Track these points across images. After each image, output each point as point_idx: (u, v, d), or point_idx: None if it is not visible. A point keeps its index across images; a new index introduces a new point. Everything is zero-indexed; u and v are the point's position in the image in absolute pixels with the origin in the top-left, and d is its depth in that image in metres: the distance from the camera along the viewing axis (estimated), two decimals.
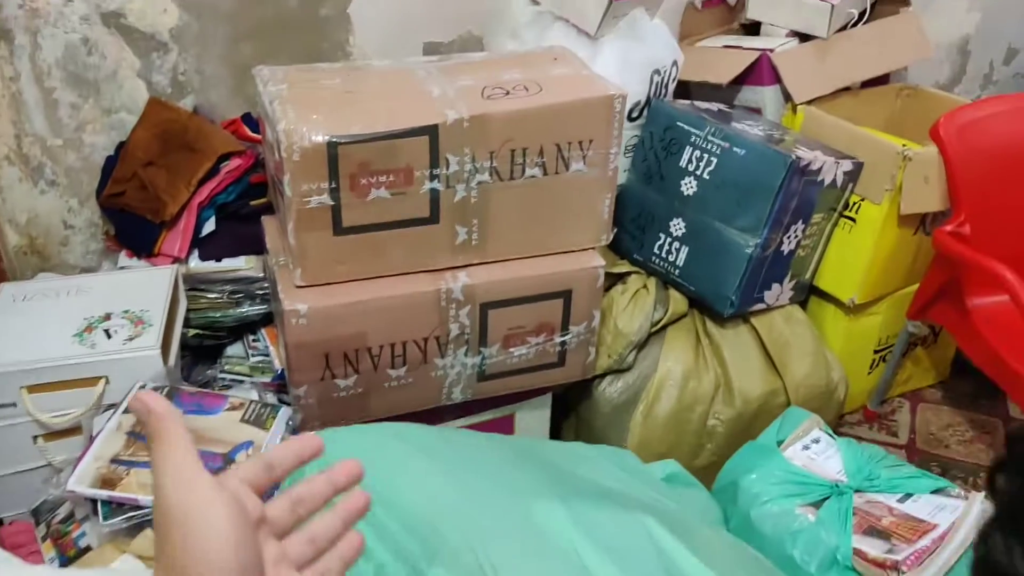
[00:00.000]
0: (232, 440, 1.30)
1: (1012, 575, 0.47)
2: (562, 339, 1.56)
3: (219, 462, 1.25)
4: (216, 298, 1.68)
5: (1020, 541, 0.47)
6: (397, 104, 1.33)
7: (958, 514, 1.21)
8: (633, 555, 0.89)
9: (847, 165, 1.74)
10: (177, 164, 1.65)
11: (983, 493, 1.25)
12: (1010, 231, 1.79)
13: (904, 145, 1.76)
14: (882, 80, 2.09)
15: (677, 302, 1.78)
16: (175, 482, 0.46)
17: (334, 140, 1.26)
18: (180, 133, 1.68)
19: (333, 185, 1.29)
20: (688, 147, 1.69)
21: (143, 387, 1.37)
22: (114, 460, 1.24)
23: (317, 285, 1.38)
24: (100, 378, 1.38)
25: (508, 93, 1.36)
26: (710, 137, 1.67)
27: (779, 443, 1.38)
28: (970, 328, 1.80)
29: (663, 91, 1.78)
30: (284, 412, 1.37)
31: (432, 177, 1.34)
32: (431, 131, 1.31)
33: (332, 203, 1.31)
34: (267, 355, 1.71)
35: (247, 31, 1.79)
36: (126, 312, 1.47)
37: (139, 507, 1.18)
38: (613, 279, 1.79)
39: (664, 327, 1.77)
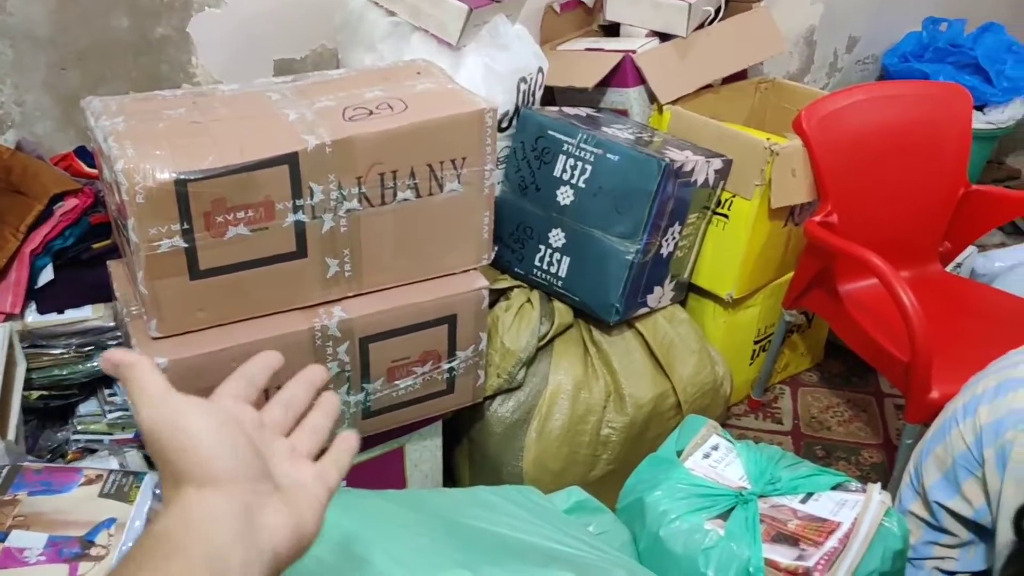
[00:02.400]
0: (90, 519, 1.15)
1: None
2: (449, 365, 1.48)
3: (76, 547, 1.10)
4: (61, 354, 1.52)
5: None
6: (251, 132, 1.22)
7: (858, 509, 1.22)
8: None
9: (717, 163, 1.75)
10: (0, 209, 1.46)
11: (879, 484, 1.27)
12: (873, 216, 1.85)
13: (769, 139, 1.78)
14: (740, 75, 2.12)
15: (562, 313, 1.74)
16: (148, 404, 0.50)
17: (182, 177, 1.13)
18: (2, 174, 1.49)
19: (185, 226, 1.17)
20: (561, 156, 1.65)
21: None
22: None
23: (176, 335, 1.25)
24: None
25: (372, 113, 1.27)
26: (582, 144, 1.63)
27: (678, 453, 1.35)
28: (843, 313, 1.84)
29: (531, 99, 1.73)
30: (149, 480, 1.23)
31: (295, 209, 1.24)
32: (290, 159, 1.20)
33: (186, 245, 1.18)
34: (126, 409, 1.56)
35: (72, 56, 1.61)
36: None
37: None
38: (496, 295, 1.73)
39: (551, 340, 1.73)
